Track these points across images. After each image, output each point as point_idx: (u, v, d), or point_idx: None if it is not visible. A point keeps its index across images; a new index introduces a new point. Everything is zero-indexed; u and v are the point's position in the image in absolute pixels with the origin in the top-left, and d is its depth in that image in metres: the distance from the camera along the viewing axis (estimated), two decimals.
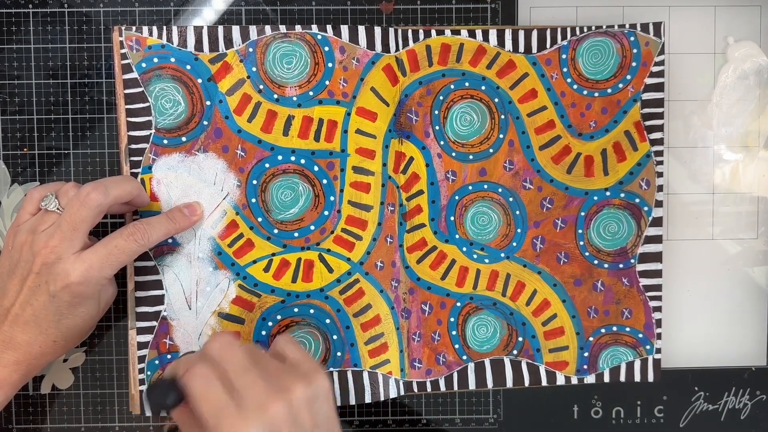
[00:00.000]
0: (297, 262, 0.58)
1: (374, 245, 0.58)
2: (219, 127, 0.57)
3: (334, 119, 0.57)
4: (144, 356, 0.57)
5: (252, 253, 0.58)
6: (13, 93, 0.59)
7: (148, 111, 0.56)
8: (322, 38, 0.57)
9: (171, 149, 0.57)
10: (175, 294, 0.57)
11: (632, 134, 0.59)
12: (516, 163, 0.59)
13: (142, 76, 0.56)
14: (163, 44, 0.56)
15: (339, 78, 0.57)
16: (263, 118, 0.57)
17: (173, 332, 0.57)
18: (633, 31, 0.58)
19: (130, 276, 0.57)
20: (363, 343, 0.58)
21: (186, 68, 0.57)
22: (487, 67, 0.59)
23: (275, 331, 0.58)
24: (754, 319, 0.63)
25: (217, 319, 0.57)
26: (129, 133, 0.57)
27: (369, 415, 0.62)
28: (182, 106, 0.57)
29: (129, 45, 0.56)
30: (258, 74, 0.57)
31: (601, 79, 0.59)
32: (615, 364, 0.60)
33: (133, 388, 0.57)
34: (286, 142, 0.57)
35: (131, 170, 0.57)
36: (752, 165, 0.62)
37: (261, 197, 0.57)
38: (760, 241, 0.62)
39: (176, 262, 0.57)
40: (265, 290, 0.58)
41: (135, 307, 0.57)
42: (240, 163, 0.57)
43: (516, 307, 0.60)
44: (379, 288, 0.58)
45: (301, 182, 0.58)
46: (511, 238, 0.59)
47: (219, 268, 0.57)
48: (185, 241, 0.57)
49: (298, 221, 0.58)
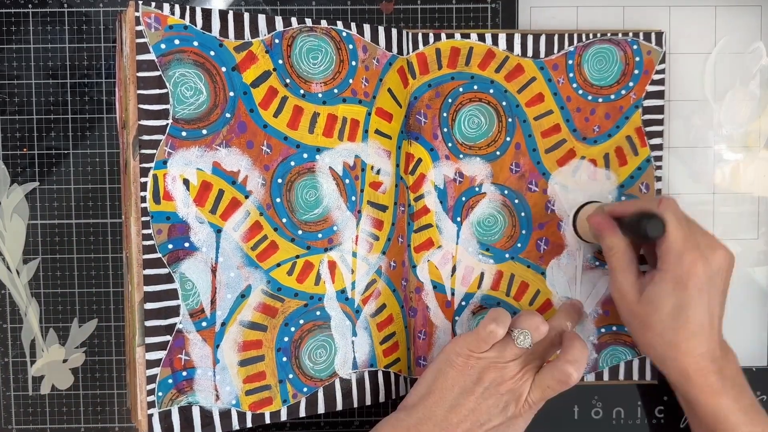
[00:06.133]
0: (320, 264, 0.56)
1: (389, 245, 0.58)
2: (243, 121, 0.53)
3: (357, 119, 0.56)
4: (154, 375, 0.51)
5: (276, 255, 0.54)
6: (13, 93, 0.59)
7: (165, 98, 0.50)
8: (346, 35, 0.55)
9: (190, 142, 0.51)
10: (192, 304, 0.52)
11: (633, 139, 0.60)
12: (522, 166, 0.59)
13: (161, 58, 0.50)
14: (186, 25, 0.51)
15: (361, 77, 0.56)
16: (290, 113, 0.54)
17: (189, 346, 0.52)
18: (636, 40, 0.59)
19: (138, 286, 0.51)
20: (378, 343, 0.58)
21: (210, 54, 0.52)
22: (496, 70, 0.59)
23: (297, 336, 0.56)
24: (754, 319, 0.63)
25: (239, 327, 0.54)
26: (141, 122, 0.50)
27: (369, 416, 0.62)
28: (204, 96, 0.51)
29: (147, 22, 0.50)
30: (284, 67, 0.54)
31: (605, 86, 0.59)
32: (614, 363, 0.61)
33: (140, 412, 0.51)
34: (312, 139, 0.55)
35: (141, 165, 0.50)
36: (753, 165, 0.62)
37: (286, 197, 0.54)
38: (761, 241, 0.63)
39: (193, 269, 0.52)
40: (288, 294, 0.55)
41: (144, 321, 0.51)
42: (265, 161, 0.54)
43: (519, 306, 0.60)
44: (392, 288, 0.58)
45: (326, 182, 0.55)
46: (515, 239, 0.60)
47: (241, 273, 0.54)
48: (204, 245, 0.52)
49: (322, 222, 0.56)
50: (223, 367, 0.53)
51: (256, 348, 0.54)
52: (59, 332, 0.60)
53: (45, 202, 0.60)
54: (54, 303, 0.60)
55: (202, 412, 0.53)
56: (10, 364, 0.60)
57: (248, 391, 0.54)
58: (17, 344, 0.60)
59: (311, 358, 0.56)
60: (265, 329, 0.55)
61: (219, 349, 0.53)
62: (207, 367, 0.53)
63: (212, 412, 0.53)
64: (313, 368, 0.56)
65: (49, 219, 0.60)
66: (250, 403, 0.54)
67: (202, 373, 0.53)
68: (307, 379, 0.56)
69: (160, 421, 0.52)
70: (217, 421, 0.53)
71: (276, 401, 0.55)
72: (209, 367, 0.53)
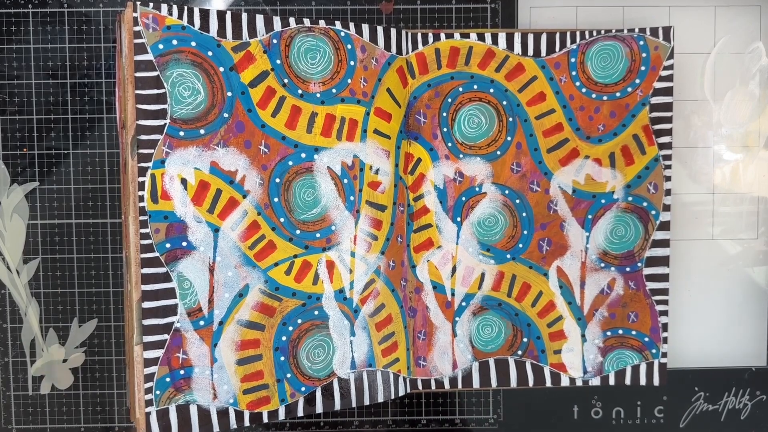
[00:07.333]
0: (318, 263, 0.56)
1: (387, 245, 0.58)
2: (241, 121, 0.53)
3: (355, 118, 0.56)
4: (152, 374, 0.52)
5: (274, 255, 0.55)
6: (13, 93, 0.59)
7: (163, 98, 0.51)
8: (345, 35, 0.55)
9: (187, 142, 0.52)
10: (189, 303, 0.53)
11: (641, 138, 0.59)
12: (523, 165, 0.59)
13: (159, 58, 0.51)
14: (184, 26, 0.51)
15: (360, 77, 0.56)
16: (288, 113, 0.54)
17: (187, 345, 0.53)
18: (642, 35, 0.58)
19: (136, 285, 0.51)
20: (377, 343, 0.58)
21: (207, 54, 0.52)
22: (496, 70, 0.58)
23: (295, 335, 0.56)
24: (754, 319, 0.63)
25: (236, 327, 0.54)
26: (139, 122, 0.51)
27: (369, 416, 0.62)
28: (202, 95, 0.52)
29: (144, 23, 0.50)
30: (282, 67, 0.54)
31: (610, 83, 0.59)
32: (620, 367, 0.60)
33: (138, 411, 0.52)
34: (310, 139, 0.55)
35: (140, 164, 0.51)
36: (752, 165, 0.62)
37: (284, 196, 0.55)
38: (760, 241, 0.62)
39: (191, 268, 0.52)
40: (286, 294, 0.55)
41: (142, 320, 0.52)
42: (263, 160, 0.54)
43: (521, 308, 0.60)
44: (391, 287, 0.58)
45: (324, 181, 0.56)
46: (517, 240, 0.59)
47: (239, 273, 0.54)
48: (202, 244, 0.53)
49: (320, 221, 0.56)
50: (220, 366, 0.53)
51: (253, 347, 0.54)
52: (59, 332, 0.60)
53: (45, 202, 0.60)
54: (54, 303, 0.60)
55: (199, 410, 0.53)
56: (10, 364, 0.61)
57: (246, 390, 0.54)
58: (17, 344, 0.60)
59: (309, 357, 0.56)
60: (262, 328, 0.55)
61: (216, 348, 0.54)
62: (204, 366, 0.53)
63: (210, 410, 0.53)
64: (311, 368, 0.56)
65: (49, 219, 0.60)
66: (247, 402, 0.54)
67: (200, 372, 0.53)
68: (305, 379, 0.56)
69: (158, 419, 0.52)
70: (215, 419, 0.53)
71: (274, 400, 0.55)
72: (207, 366, 0.53)
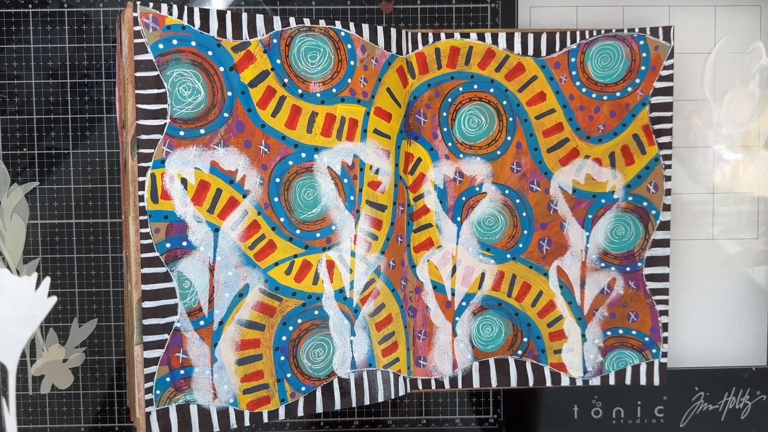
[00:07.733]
0: (318, 263, 0.56)
1: (388, 245, 0.58)
2: (241, 120, 0.53)
3: (355, 118, 0.56)
4: (152, 374, 0.52)
5: (274, 254, 0.55)
6: (13, 93, 0.59)
7: (163, 98, 0.51)
8: (345, 35, 0.55)
9: (188, 142, 0.52)
10: (189, 302, 0.53)
11: (641, 138, 0.59)
12: (523, 165, 0.59)
13: (159, 58, 0.51)
14: (184, 25, 0.51)
15: (360, 77, 0.56)
16: (288, 113, 0.54)
17: (187, 345, 0.53)
18: (642, 35, 0.58)
19: (136, 285, 0.51)
20: (377, 343, 0.58)
21: (207, 54, 0.52)
22: (496, 69, 0.58)
23: (296, 335, 0.56)
24: (754, 319, 0.63)
25: (236, 326, 0.54)
26: (139, 121, 0.51)
27: (369, 415, 0.62)
28: (202, 95, 0.52)
29: (144, 23, 0.50)
30: (282, 67, 0.54)
31: (610, 83, 0.59)
32: (621, 366, 0.60)
33: (138, 411, 0.52)
34: (310, 139, 0.55)
35: (140, 164, 0.51)
36: (752, 165, 0.62)
37: (284, 196, 0.55)
38: (760, 241, 0.62)
39: (191, 267, 0.52)
40: (286, 293, 0.55)
41: (142, 319, 0.51)
42: (263, 160, 0.54)
43: (521, 307, 0.60)
44: (391, 287, 0.58)
45: (324, 181, 0.56)
46: (517, 240, 0.59)
47: (239, 272, 0.54)
48: (202, 243, 0.53)
49: (320, 221, 0.56)
50: (220, 366, 0.53)
51: (253, 347, 0.54)
52: (59, 332, 0.60)
53: (45, 202, 0.60)
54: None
55: (199, 410, 0.53)
56: None
57: (246, 389, 0.54)
58: None
59: (309, 357, 0.56)
60: (263, 328, 0.55)
61: (217, 348, 0.54)
62: (204, 366, 0.53)
63: (210, 410, 0.53)
64: (312, 367, 0.56)
65: (49, 219, 0.60)
66: (247, 401, 0.54)
67: (200, 372, 0.53)
68: (305, 379, 0.56)
69: (158, 419, 0.52)
70: (215, 419, 0.53)
71: (274, 400, 0.55)
72: (207, 366, 0.53)
